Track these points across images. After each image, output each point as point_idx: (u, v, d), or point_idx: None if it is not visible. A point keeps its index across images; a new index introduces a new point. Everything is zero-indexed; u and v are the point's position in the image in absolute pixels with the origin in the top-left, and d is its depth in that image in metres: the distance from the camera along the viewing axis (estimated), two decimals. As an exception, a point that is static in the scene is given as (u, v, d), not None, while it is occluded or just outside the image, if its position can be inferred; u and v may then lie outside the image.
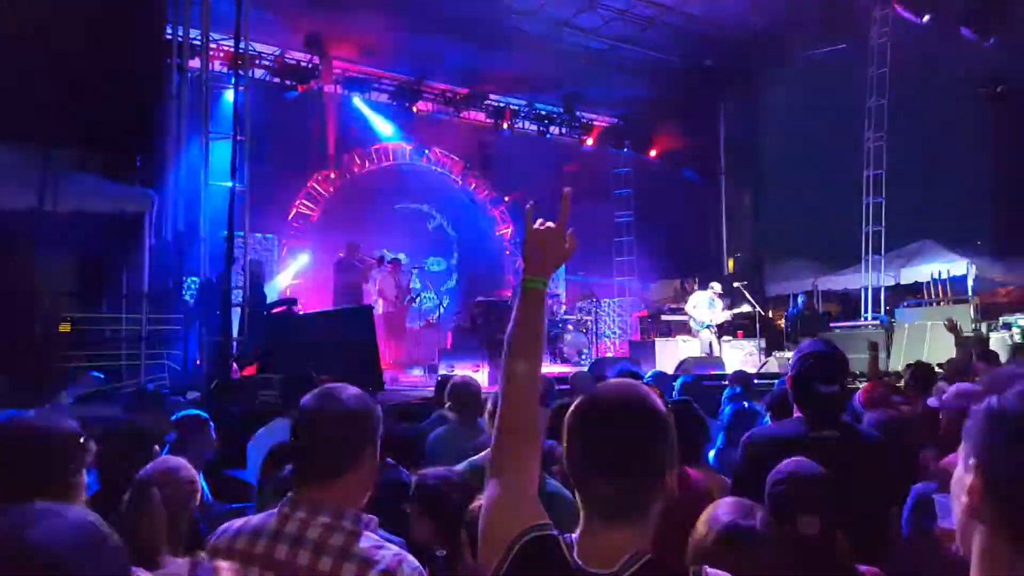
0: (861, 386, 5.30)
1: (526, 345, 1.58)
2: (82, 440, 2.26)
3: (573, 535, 1.42)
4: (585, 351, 13.33)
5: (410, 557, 1.73)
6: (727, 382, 6.60)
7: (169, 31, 10.38)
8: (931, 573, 2.21)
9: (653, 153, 18.25)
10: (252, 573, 1.71)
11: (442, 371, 9.74)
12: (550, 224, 1.65)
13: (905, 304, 14.07)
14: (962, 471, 0.97)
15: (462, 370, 10.21)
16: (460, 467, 3.01)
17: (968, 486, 0.93)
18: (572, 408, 1.44)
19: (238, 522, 1.82)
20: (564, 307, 14.09)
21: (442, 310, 14.03)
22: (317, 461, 1.79)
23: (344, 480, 1.77)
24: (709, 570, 1.35)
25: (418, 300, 13.55)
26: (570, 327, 13.70)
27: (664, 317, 14.02)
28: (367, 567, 1.66)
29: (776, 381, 6.38)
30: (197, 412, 4.00)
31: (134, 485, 2.27)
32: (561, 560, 1.38)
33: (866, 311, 14.67)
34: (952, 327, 8.02)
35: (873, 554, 2.39)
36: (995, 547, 0.91)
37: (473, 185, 16.71)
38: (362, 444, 1.81)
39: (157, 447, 3.12)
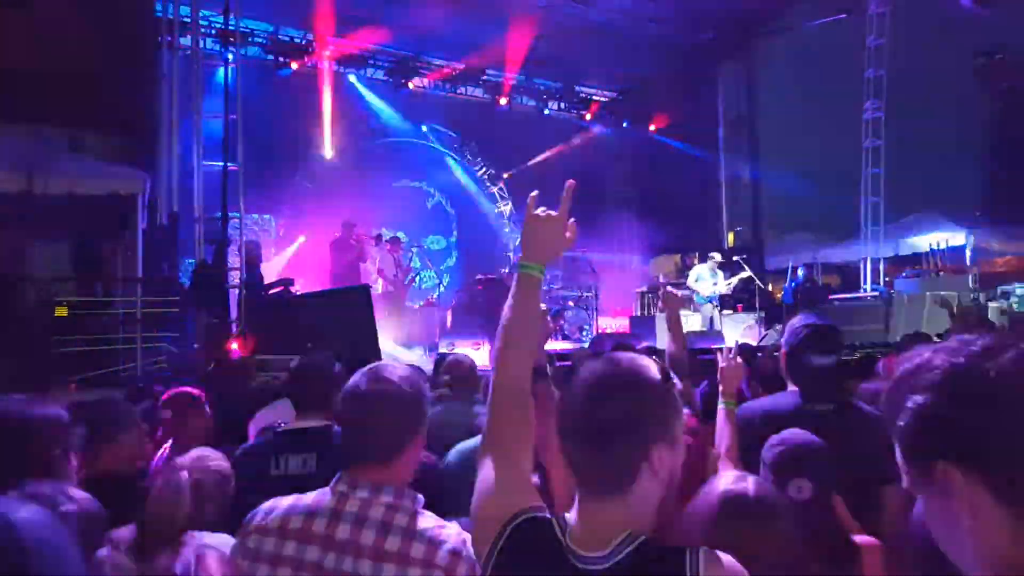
0: (855, 357, 5.28)
1: (519, 330, 1.59)
2: (66, 424, 2.25)
3: (568, 515, 1.40)
4: (586, 327, 13.32)
5: (469, 536, 1.69)
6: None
7: (159, 8, 10.25)
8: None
9: (652, 128, 18.12)
10: (311, 553, 1.67)
11: (442, 350, 9.72)
12: (551, 212, 1.65)
13: (904, 275, 14.05)
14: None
15: (462, 348, 10.21)
16: (450, 456, 2.98)
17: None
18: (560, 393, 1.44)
19: (286, 500, 1.77)
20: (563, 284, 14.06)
21: (442, 288, 14.00)
22: (376, 442, 1.75)
23: (401, 460, 1.76)
24: (706, 551, 1.31)
25: (417, 279, 13.51)
26: (571, 303, 13.68)
27: (659, 308, 13.98)
28: (435, 546, 1.66)
29: (774, 353, 6.34)
30: (188, 390, 3.96)
31: (164, 471, 2.27)
32: (554, 543, 1.36)
33: (865, 282, 14.65)
34: (943, 303, 8.05)
35: (867, 529, 2.37)
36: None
37: (472, 162, 16.60)
38: (418, 424, 1.81)
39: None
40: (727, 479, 1.74)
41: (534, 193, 1.68)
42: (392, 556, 1.64)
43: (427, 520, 1.71)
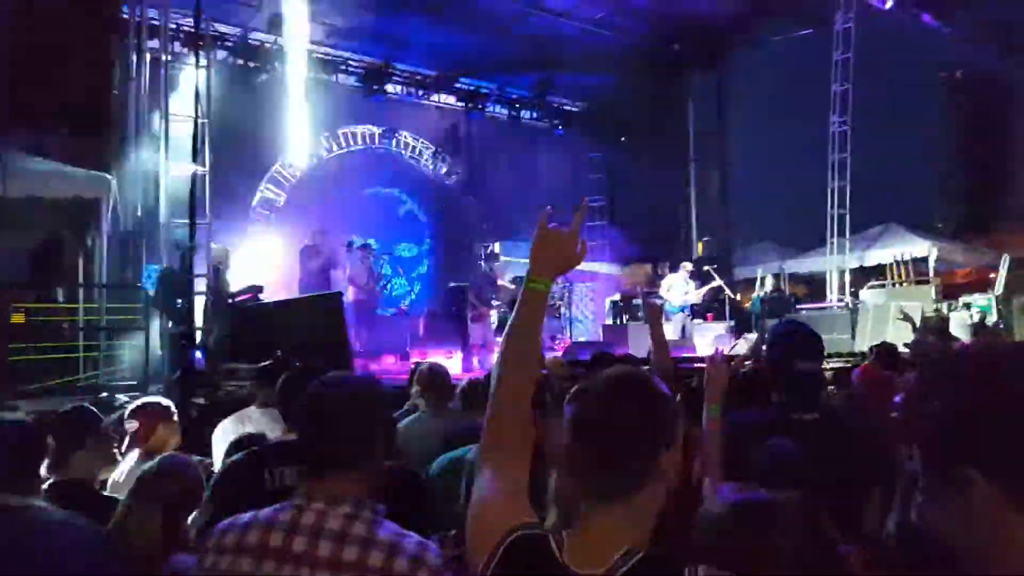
0: (832, 367, 5.33)
1: (522, 343, 1.60)
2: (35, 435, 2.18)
3: (567, 532, 1.39)
4: (558, 336, 13.32)
5: (432, 544, 1.71)
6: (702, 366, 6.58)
7: (126, 10, 10.07)
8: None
9: (623, 138, 18.22)
10: (267, 567, 1.63)
11: (414, 359, 9.65)
12: (563, 228, 1.67)
13: (869, 286, 14.29)
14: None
15: (435, 357, 10.14)
16: (433, 468, 2.92)
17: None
18: (568, 395, 1.44)
19: (244, 517, 1.73)
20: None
21: (413, 296, 13.91)
22: (333, 451, 1.72)
23: (361, 470, 1.73)
24: (705, 569, 1.31)
25: (389, 286, 13.40)
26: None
27: (636, 301, 14.04)
28: (393, 554, 1.63)
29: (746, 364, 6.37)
30: (158, 400, 3.86)
31: (136, 486, 2.22)
32: (550, 560, 1.34)
33: (832, 293, 14.86)
34: (905, 317, 8.22)
35: (850, 535, 2.36)
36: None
37: (444, 170, 16.56)
38: (374, 433, 1.77)
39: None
40: (734, 490, 1.73)
41: (549, 208, 1.70)
42: (350, 567, 1.61)
43: (386, 529, 1.68)
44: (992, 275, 13.60)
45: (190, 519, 2.42)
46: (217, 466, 3.22)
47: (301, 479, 1.76)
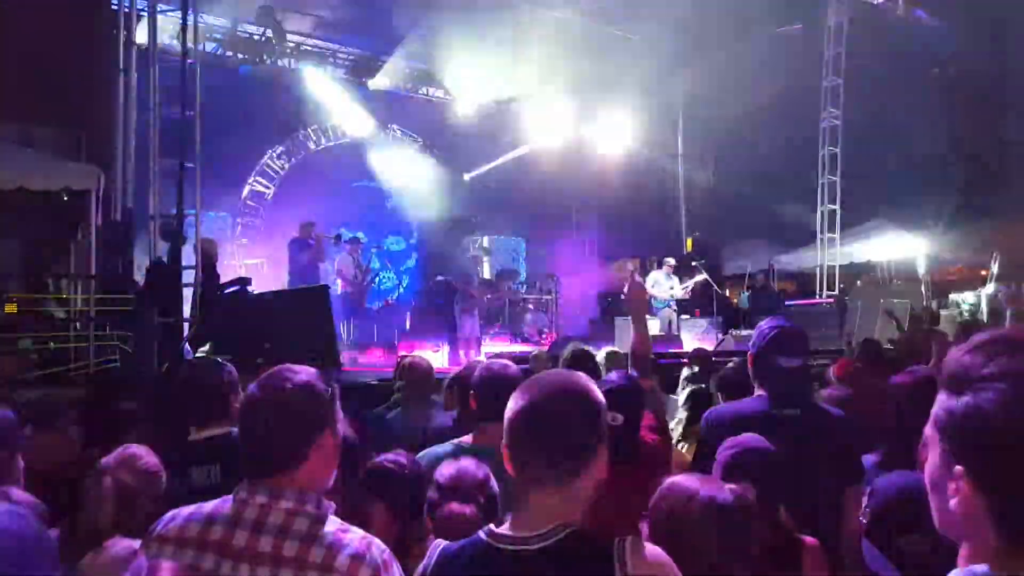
0: (820, 363, 5.35)
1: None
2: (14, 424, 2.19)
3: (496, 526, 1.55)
4: (544, 330, 13.33)
5: (377, 540, 1.68)
6: (685, 360, 6.61)
7: (115, 1, 9.99)
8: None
9: (612, 132, 18.17)
10: (207, 561, 1.63)
11: (401, 352, 9.64)
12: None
13: (858, 282, 14.34)
14: (938, 464, 0.95)
15: (421, 351, 10.14)
16: (423, 460, 2.94)
17: (960, 494, 0.91)
18: (508, 415, 1.54)
19: (187, 509, 1.72)
20: (524, 286, 14.06)
21: (401, 290, 13.89)
22: (274, 449, 1.69)
23: (305, 466, 1.69)
24: (633, 539, 1.44)
25: (377, 280, 13.38)
26: (530, 306, 13.69)
27: (623, 295, 14.04)
28: (335, 550, 1.60)
29: (733, 359, 6.40)
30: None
31: (92, 473, 2.23)
32: (482, 547, 1.51)
33: (821, 289, 14.91)
34: (891, 315, 8.24)
35: (828, 531, 2.39)
36: (988, 547, 0.91)
37: (432, 162, 16.50)
38: (314, 431, 1.71)
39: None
40: (703, 483, 1.76)
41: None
42: (290, 562, 1.60)
43: (330, 525, 1.66)
44: (983, 272, 13.65)
45: None
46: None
47: (246, 476, 1.73)
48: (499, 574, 1.45)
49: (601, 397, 1.55)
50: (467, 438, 2.77)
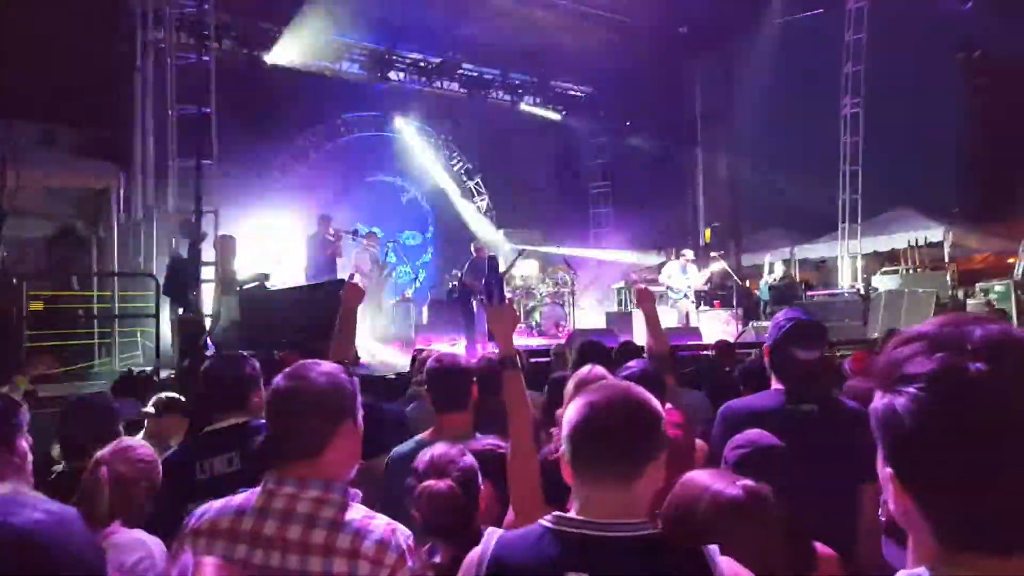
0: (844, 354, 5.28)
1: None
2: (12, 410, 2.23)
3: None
4: (562, 323, 13.28)
5: (401, 526, 1.73)
6: (710, 352, 6.57)
7: (132, 1, 10.06)
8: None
9: (628, 123, 18.08)
10: (240, 551, 1.68)
11: (418, 345, 9.64)
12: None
13: (882, 271, 14.15)
14: (880, 462, 0.94)
15: (439, 344, 10.14)
16: (392, 465, 2.97)
17: (892, 495, 0.91)
18: (574, 417, 1.56)
19: (218, 502, 1.79)
20: (542, 278, 14.00)
21: (418, 284, 13.90)
22: (293, 443, 1.77)
23: (325, 459, 1.76)
24: (716, 549, 1.47)
25: (394, 274, 13.40)
26: (547, 299, 13.64)
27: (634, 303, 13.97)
28: (361, 537, 1.66)
29: (755, 350, 6.35)
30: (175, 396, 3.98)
31: (91, 464, 2.29)
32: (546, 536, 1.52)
33: (843, 279, 14.73)
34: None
35: (845, 529, 2.34)
36: (927, 548, 0.89)
37: (447, 157, 16.49)
38: (337, 421, 1.79)
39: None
40: (715, 479, 1.73)
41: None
42: (318, 549, 1.66)
43: (355, 512, 1.72)
44: (1010, 260, 13.42)
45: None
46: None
47: (273, 466, 1.79)
48: (569, 559, 1.47)
49: (660, 407, 1.58)
50: (426, 433, 2.83)
